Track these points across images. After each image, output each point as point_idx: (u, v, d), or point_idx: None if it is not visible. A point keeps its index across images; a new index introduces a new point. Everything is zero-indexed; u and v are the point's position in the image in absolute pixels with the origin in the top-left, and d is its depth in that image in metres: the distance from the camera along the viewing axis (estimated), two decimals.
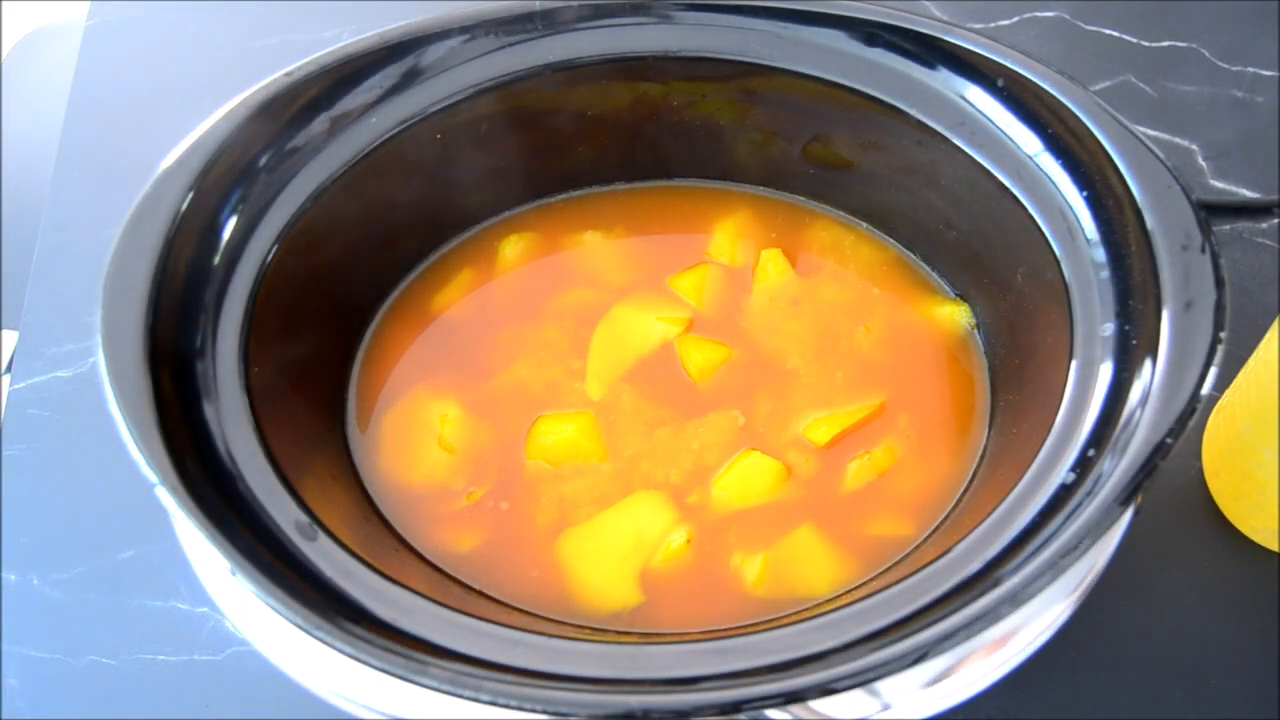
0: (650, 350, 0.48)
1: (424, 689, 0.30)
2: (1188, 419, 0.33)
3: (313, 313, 0.45)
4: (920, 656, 0.30)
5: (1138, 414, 0.34)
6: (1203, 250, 0.36)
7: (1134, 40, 0.66)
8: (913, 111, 0.45)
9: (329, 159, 0.43)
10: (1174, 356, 0.34)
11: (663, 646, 0.32)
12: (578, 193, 0.53)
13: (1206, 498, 0.48)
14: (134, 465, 0.33)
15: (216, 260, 0.40)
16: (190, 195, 0.39)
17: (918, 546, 0.41)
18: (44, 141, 0.66)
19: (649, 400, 0.46)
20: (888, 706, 0.33)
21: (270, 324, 0.40)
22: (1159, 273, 0.36)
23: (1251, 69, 0.64)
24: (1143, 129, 0.41)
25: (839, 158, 0.50)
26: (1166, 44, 0.66)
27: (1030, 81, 0.41)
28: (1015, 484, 0.35)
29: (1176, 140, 0.61)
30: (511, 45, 0.46)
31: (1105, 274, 0.38)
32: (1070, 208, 0.40)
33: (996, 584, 0.32)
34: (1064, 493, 0.34)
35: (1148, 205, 0.37)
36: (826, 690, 0.30)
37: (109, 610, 0.45)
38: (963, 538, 0.35)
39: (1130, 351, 0.36)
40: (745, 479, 0.43)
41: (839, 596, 0.40)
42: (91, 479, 0.49)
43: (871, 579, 0.41)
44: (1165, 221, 0.37)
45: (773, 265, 0.50)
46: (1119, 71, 0.65)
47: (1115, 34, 0.66)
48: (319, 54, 0.43)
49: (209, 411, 0.36)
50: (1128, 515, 0.37)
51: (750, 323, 0.48)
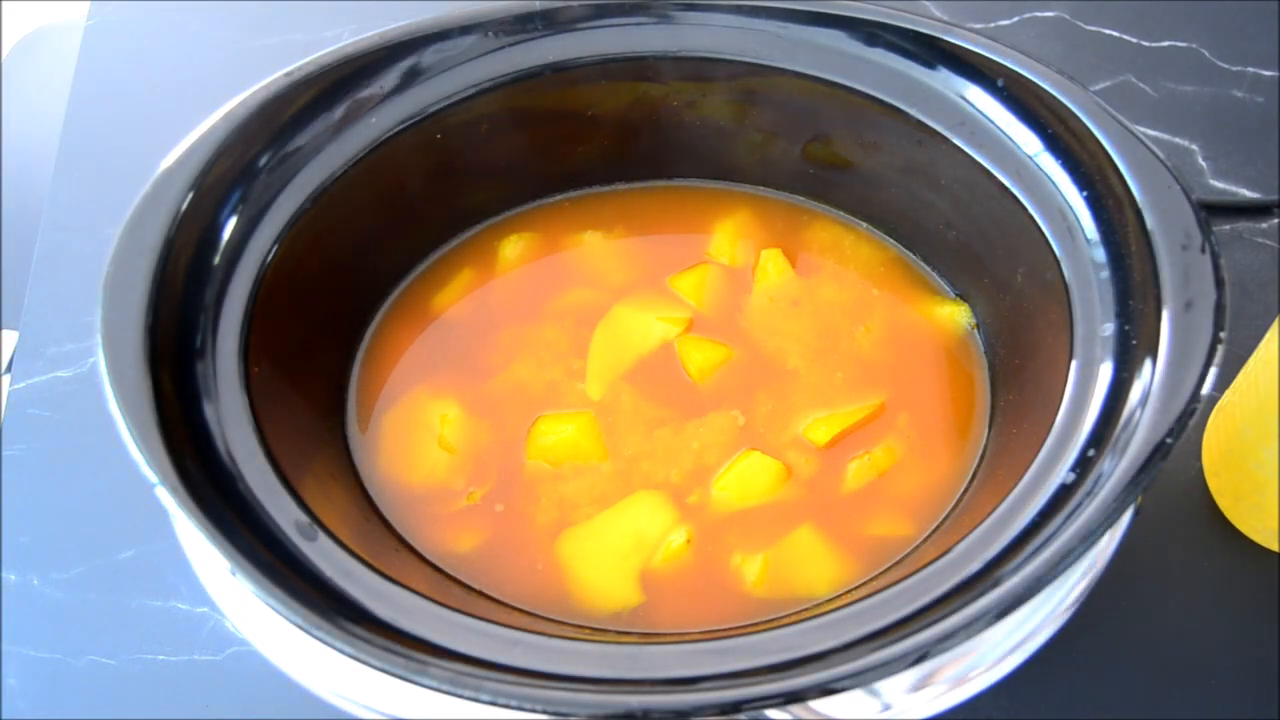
0: (650, 350, 0.48)
1: (424, 689, 0.30)
2: (1188, 419, 0.33)
3: (313, 313, 0.45)
4: (920, 656, 0.30)
5: (1138, 414, 0.34)
6: (1203, 250, 0.36)
7: (1134, 40, 0.66)
8: (913, 111, 0.45)
9: (329, 159, 0.43)
10: (1174, 356, 0.34)
11: (663, 646, 0.32)
12: (578, 193, 0.53)
13: (1206, 498, 0.48)
14: (134, 465, 0.33)
15: (216, 260, 0.40)
16: (190, 195, 0.39)
17: (918, 546, 0.41)
18: (44, 141, 0.66)
19: (649, 400, 0.46)
20: (888, 707, 0.33)
21: (270, 324, 0.40)
22: (1159, 273, 0.36)
23: (1251, 69, 0.64)
24: (1143, 129, 0.41)
25: (839, 158, 0.49)
26: (1166, 44, 0.66)
27: (1030, 81, 0.41)
28: (1015, 484, 0.35)
29: (1176, 140, 0.61)
30: (511, 45, 0.46)
31: (1105, 274, 0.38)
32: (1070, 208, 0.40)
33: (996, 584, 0.32)
34: (1064, 493, 0.34)
35: (1148, 205, 0.37)
36: (826, 690, 0.30)
37: (109, 610, 0.45)
38: (963, 538, 0.35)
39: (1130, 351, 0.36)
40: (745, 479, 0.43)
41: (839, 596, 0.40)
42: (91, 479, 0.49)
43: (871, 579, 0.41)
44: (1165, 221, 0.37)
45: (773, 265, 0.50)
46: (1119, 71, 0.65)
47: (1115, 34, 0.66)
48: (319, 54, 0.43)
49: (209, 411, 0.36)
50: (1128, 516, 0.37)
51: (750, 323, 0.48)
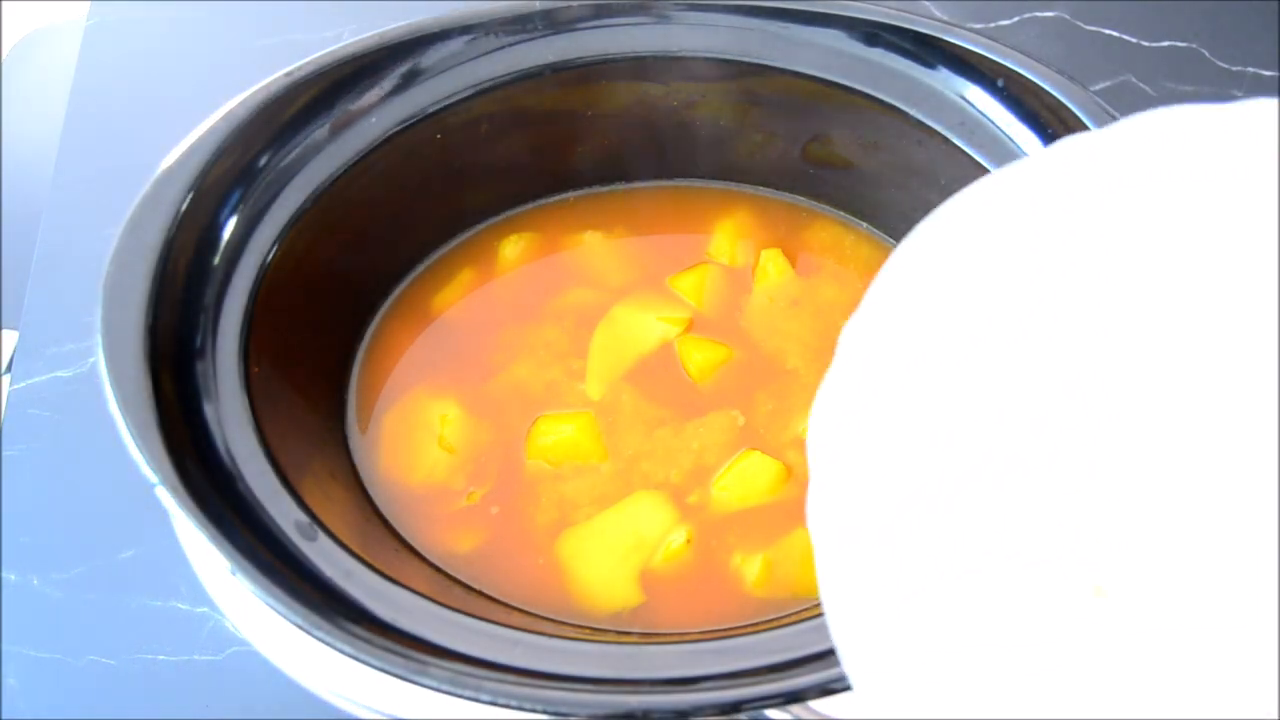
0: (650, 350, 0.48)
1: (424, 689, 0.30)
2: None
3: (313, 313, 0.45)
4: None
5: None
6: None
7: (1134, 40, 0.66)
8: (913, 111, 0.45)
9: (329, 159, 0.43)
10: None
11: (663, 646, 0.33)
12: (578, 193, 0.53)
13: None
14: (134, 465, 0.33)
15: (216, 260, 0.40)
16: (190, 195, 0.39)
17: None
18: (44, 141, 0.66)
19: (649, 400, 0.46)
20: None
21: (270, 324, 0.40)
22: None
23: (1251, 69, 0.64)
24: None
25: (839, 158, 0.49)
26: (1166, 44, 0.66)
27: (1030, 81, 0.41)
28: None
29: None
30: (511, 45, 0.46)
31: None
32: None
33: None
34: None
35: None
36: (826, 690, 0.30)
37: (109, 610, 0.45)
38: None
39: None
40: (745, 479, 0.43)
41: None
42: (91, 479, 0.49)
43: None
44: None
45: (773, 265, 0.50)
46: (1119, 71, 0.65)
47: (1115, 34, 0.66)
48: (319, 54, 0.43)
49: (209, 411, 0.36)
50: None
51: (750, 323, 0.48)
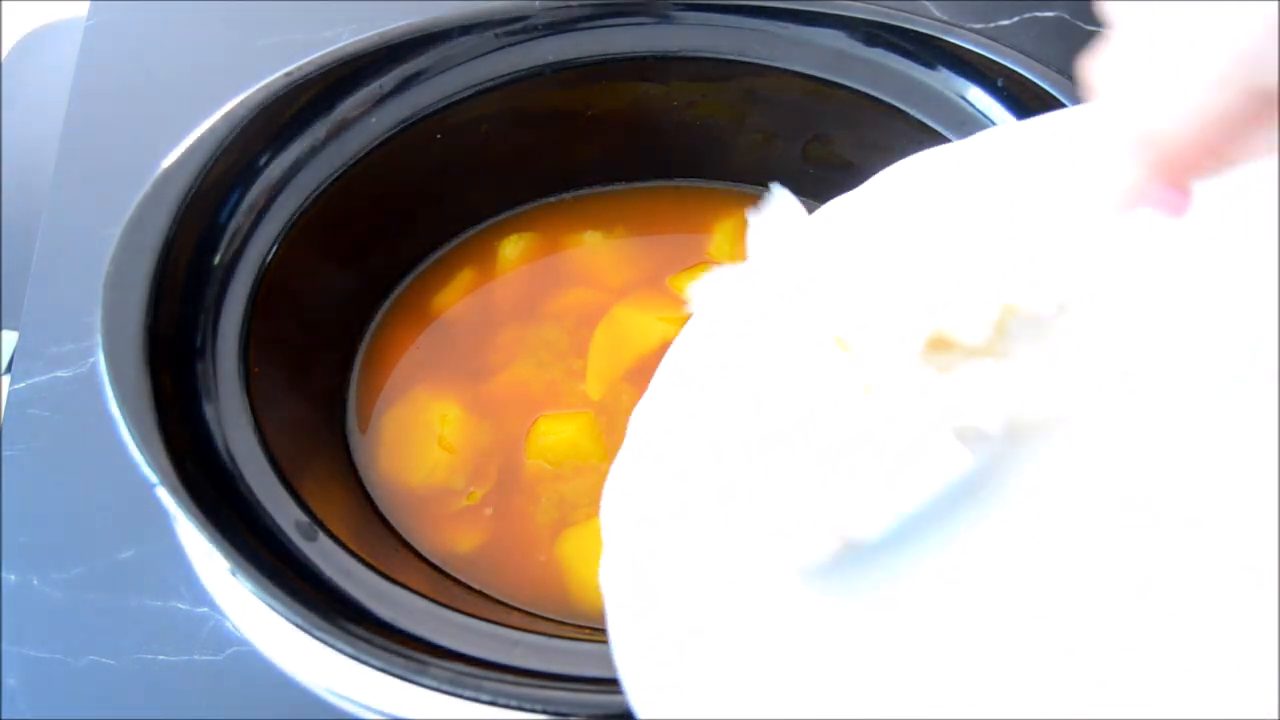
0: (650, 350, 0.47)
1: (424, 689, 0.30)
2: None
3: (313, 312, 0.45)
4: None
5: None
6: None
7: None
8: (913, 111, 0.45)
9: (329, 159, 0.43)
10: None
11: None
12: (578, 193, 0.53)
13: None
14: (134, 465, 0.33)
15: (216, 260, 0.40)
16: (190, 195, 0.39)
17: None
18: (44, 141, 0.66)
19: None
20: None
21: (270, 324, 0.40)
22: None
23: None
24: None
25: (839, 158, 0.49)
26: None
27: (1030, 81, 0.41)
28: None
29: None
30: (511, 45, 0.46)
31: None
32: None
33: None
34: None
35: None
36: None
37: (109, 610, 0.45)
38: None
39: None
40: None
41: None
42: (91, 479, 0.49)
43: None
44: None
45: None
46: None
47: None
48: (319, 54, 0.43)
49: (209, 411, 0.36)
50: None
51: None
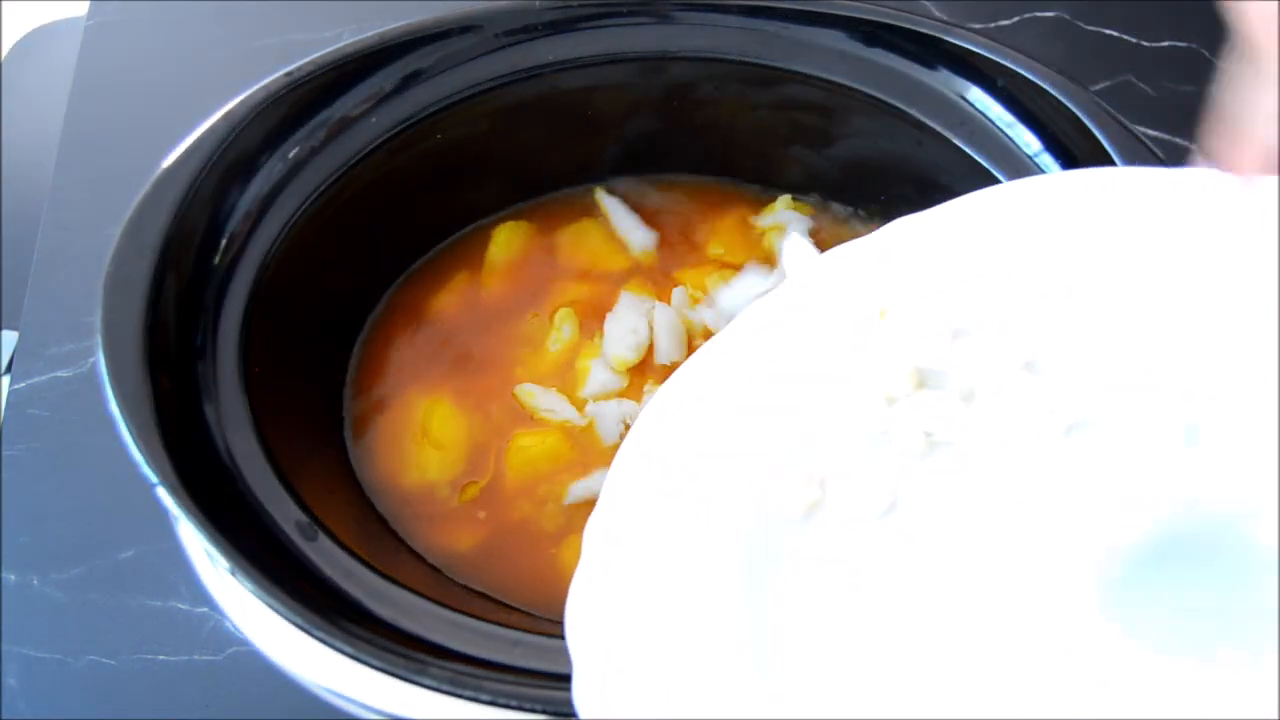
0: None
1: (424, 689, 0.30)
2: None
3: (312, 312, 0.45)
4: None
5: None
6: None
7: (1134, 40, 0.66)
8: (913, 111, 0.45)
9: (329, 159, 0.43)
10: None
11: None
12: (577, 192, 0.53)
13: None
14: (134, 465, 0.33)
15: (216, 260, 0.40)
16: (190, 195, 0.39)
17: None
18: (44, 141, 0.66)
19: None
20: None
21: (270, 324, 0.40)
22: None
23: None
24: (1142, 129, 0.41)
25: (840, 158, 0.49)
26: (1166, 44, 0.66)
27: (1030, 81, 0.41)
28: None
29: (1176, 140, 0.61)
30: (511, 45, 0.46)
31: None
32: None
33: None
34: None
35: None
36: None
37: (109, 610, 0.45)
38: None
39: None
40: None
41: None
42: (91, 479, 0.49)
43: None
44: None
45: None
46: (1119, 71, 0.64)
47: (1115, 34, 0.66)
48: (319, 54, 0.43)
49: (209, 411, 0.36)
50: None
51: None
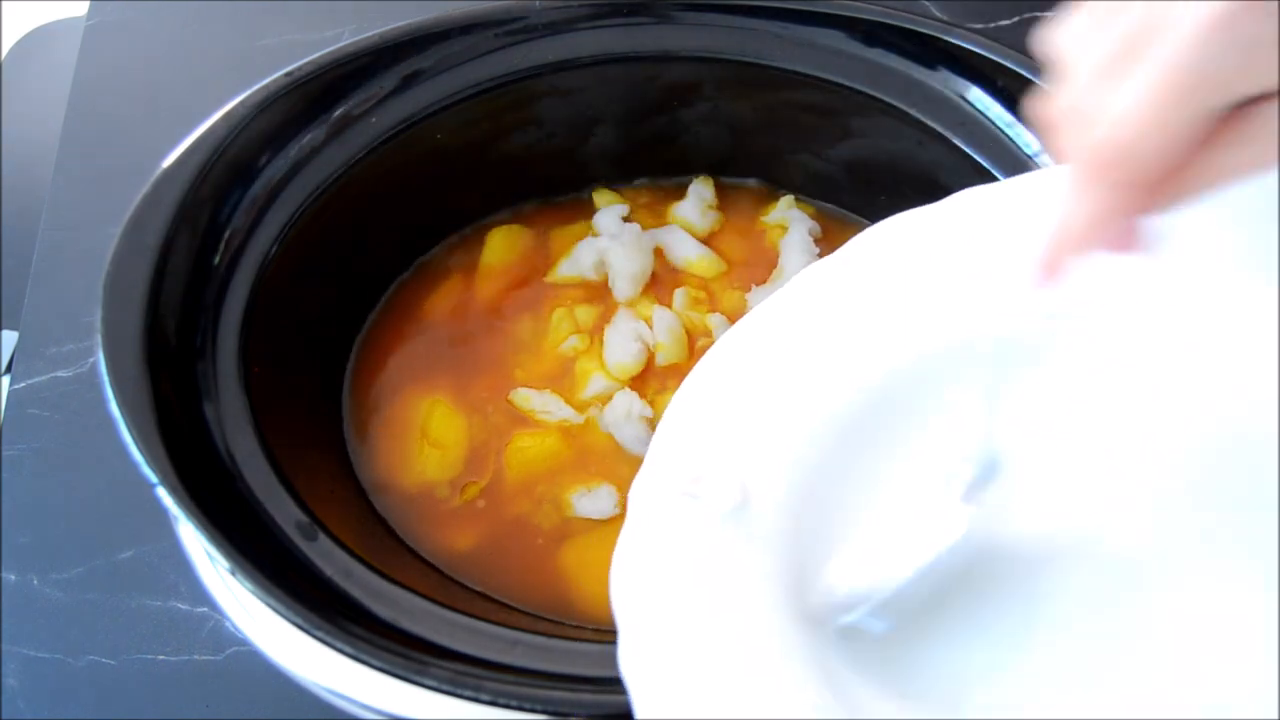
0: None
1: (424, 689, 0.30)
2: None
3: (312, 311, 0.45)
4: None
5: None
6: None
7: None
8: (913, 111, 0.45)
9: (329, 159, 0.43)
10: None
11: None
12: (576, 193, 0.53)
13: None
14: (134, 465, 0.33)
15: (216, 260, 0.40)
16: (190, 195, 0.39)
17: None
18: (44, 141, 0.66)
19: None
20: None
21: (270, 324, 0.40)
22: None
23: None
24: None
25: (840, 158, 0.49)
26: None
27: (1030, 81, 0.41)
28: None
29: None
30: (511, 45, 0.46)
31: None
32: None
33: None
34: None
35: None
36: None
37: (109, 610, 0.45)
38: None
39: None
40: None
41: None
42: (91, 479, 0.49)
43: None
44: None
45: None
46: None
47: None
48: (319, 54, 0.43)
49: (209, 411, 0.36)
50: None
51: None
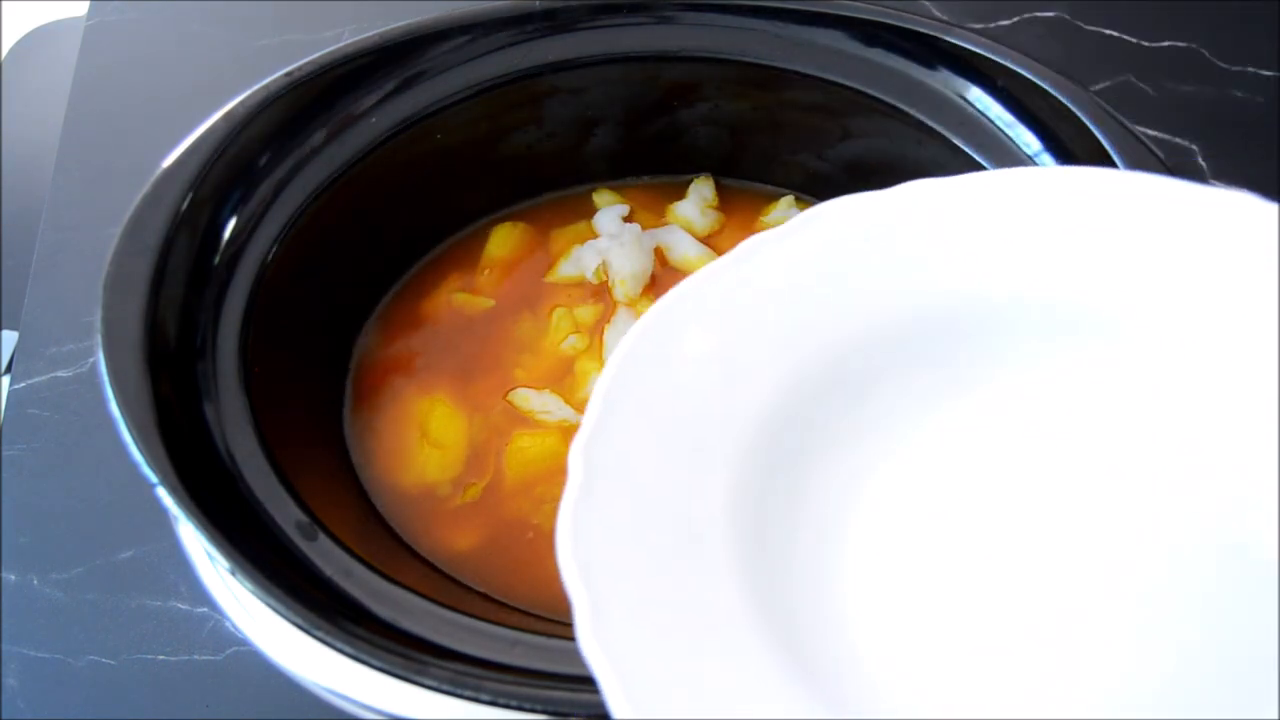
0: None
1: (424, 689, 0.30)
2: None
3: (312, 312, 0.45)
4: None
5: None
6: None
7: (1134, 40, 0.66)
8: (913, 111, 0.45)
9: (329, 159, 0.43)
10: None
11: None
12: (576, 192, 0.53)
13: None
14: (134, 465, 0.33)
15: (216, 260, 0.40)
16: (190, 195, 0.39)
17: None
18: (44, 141, 0.66)
19: None
20: None
21: (270, 324, 0.40)
22: None
23: (1251, 69, 0.64)
24: (1143, 129, 0.41)
25: (840, 158, 0.49)
26: (1166, 44, 0.66)
27: (1030, 81, 0.41)
28: None
29: (1176, 140, 0.61)
30: (511, 45, 0.46)
31: None
32: None
33: None
34: None
35: None
36: None
37: (109, 610, 0.45)
38: None
39: None
40: None
41: None
42: (91, 479, 0.49)
43: None
44: None
45: None
46: (1119, 71, 0.65)
47: (1115, 34, 0.66)
48: (319, 54, 0.43)
49: (209, 411, 0.36)
50: None
51: None
